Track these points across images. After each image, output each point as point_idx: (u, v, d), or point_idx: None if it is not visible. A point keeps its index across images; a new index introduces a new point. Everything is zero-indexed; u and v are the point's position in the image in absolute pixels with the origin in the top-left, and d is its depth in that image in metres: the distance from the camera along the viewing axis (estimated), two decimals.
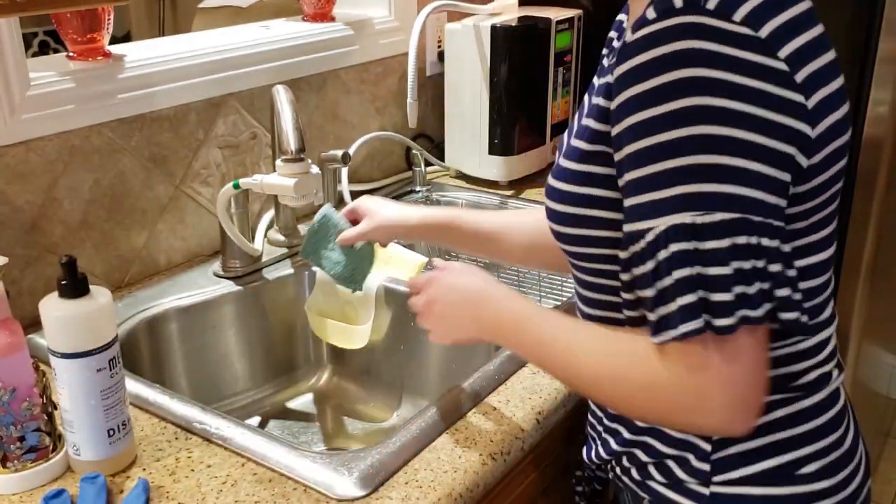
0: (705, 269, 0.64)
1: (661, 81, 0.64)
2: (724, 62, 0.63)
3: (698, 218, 0.64)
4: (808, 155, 0.67)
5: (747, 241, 0.64)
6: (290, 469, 0.87)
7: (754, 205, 0.64)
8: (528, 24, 1.59)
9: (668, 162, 0.65)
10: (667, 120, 0.64)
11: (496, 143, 1.64)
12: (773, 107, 0.64)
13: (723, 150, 0.63)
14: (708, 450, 0.79)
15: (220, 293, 1.28)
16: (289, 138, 1.15)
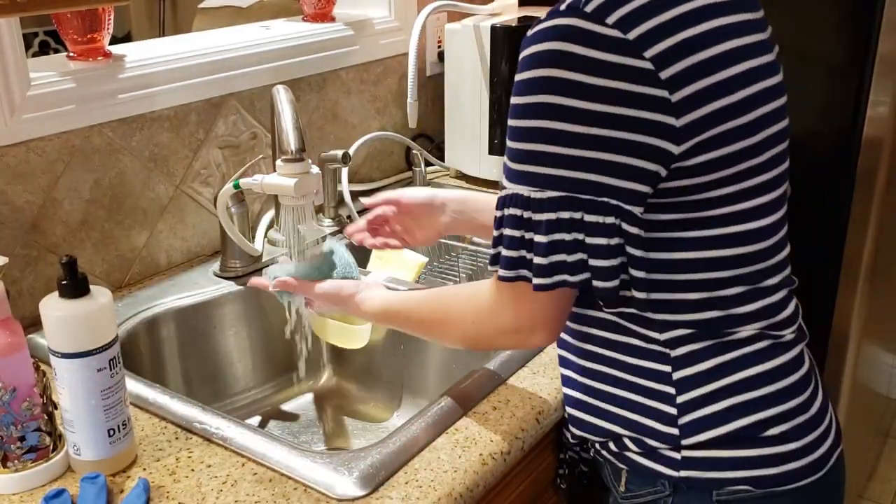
0: (532, 235, 0.77)
1: (527, 76, 0.75)
2: (585, 65, 0.72)
3: (533, 193, 0.76)
4: (676, 141, 0.74)
5: (570, 216, 0.75)
6: (290, 469, 0.87)
7: (583, 185, 0.74)
8: (528, 24, 1.59)
9: (521, 144, 0.76)
10: (524, 110, 0.75)
11: (496, 143, 1.64)
12: (627, 103, 0.72)
13: (563, 142, 0.74)
14: (674, 413, 0.84)
15: (220, 293, 1.28)
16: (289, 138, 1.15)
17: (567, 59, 0.72)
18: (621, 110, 0.72)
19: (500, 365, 1.05)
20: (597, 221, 0.75)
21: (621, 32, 0.72)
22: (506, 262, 0.79)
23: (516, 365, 1.06)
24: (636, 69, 0.72)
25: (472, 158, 1.69)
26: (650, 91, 0.72)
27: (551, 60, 0.73)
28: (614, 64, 0.72)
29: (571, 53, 0.72)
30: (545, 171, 0.75)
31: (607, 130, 0.73)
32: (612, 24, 0.72)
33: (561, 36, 0.73)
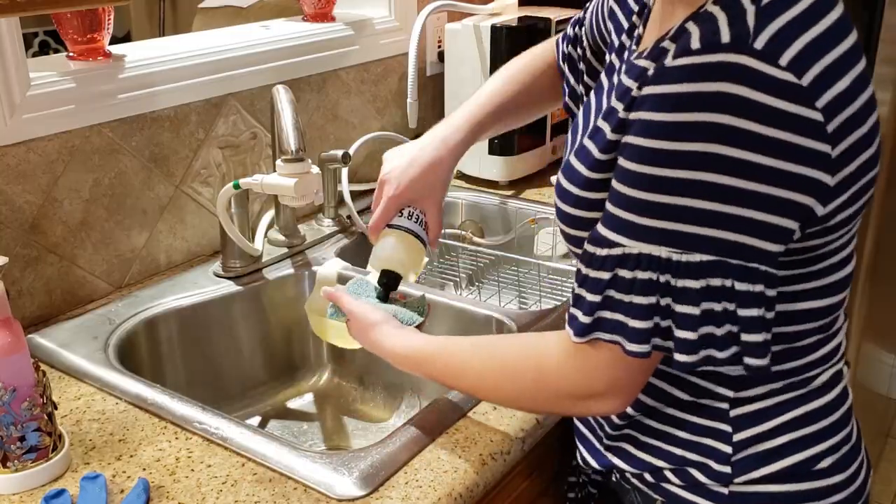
0: (671, 303, 0.67)
1: (686, 119, 0.64)
2: (756, 112, 0.63)
3: (675, 255, 0.66)
4: (825, 202, 0.68)
5: (721, 283, 0.66)
6: (290, 469, 0.87)
7: (736, 249, 0.65)
8: (528, 24, 1.59)
9: (666, 197, 0.65)
10: (678, 158, 0.64)
11: (496, 144, 1.64)
12: (793, 158, 0.64)
13: (722, 199, 0.64)
14: (729, 452, 0.80)
15: (220, 293, 1.28)
16: (289, 138, 1.15)
17: (738, 105, 0.62)
18: (788, 166, 0.64)
19: None
20: (747, 290, 0.66)
21: (796, 77, 0.63)
22: (637, 335, 0.69)
23: None
24: (806, 120, 0.64)
25: (472, 158, 1.69)
26: (816, 146, 0.64)
27: (717, 104, 0.63)
28: (788, 114, 0.63)
29: (744, 98, 0.62)
30: (694, 231, 0.65)
31: (770, 188, 0.64)
32: (786, 66, 0.63)
33: (730, 77, 0.63)
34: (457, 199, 1.67)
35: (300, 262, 1.37)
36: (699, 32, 0.65)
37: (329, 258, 1.36)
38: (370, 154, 1.68)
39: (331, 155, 1.44)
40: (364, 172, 1.67)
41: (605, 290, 0.70)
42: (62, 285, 1.20)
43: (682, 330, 0.67)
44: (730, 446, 0.80)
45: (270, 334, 1.35)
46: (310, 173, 1.18)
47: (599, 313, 0.71)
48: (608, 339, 0.71)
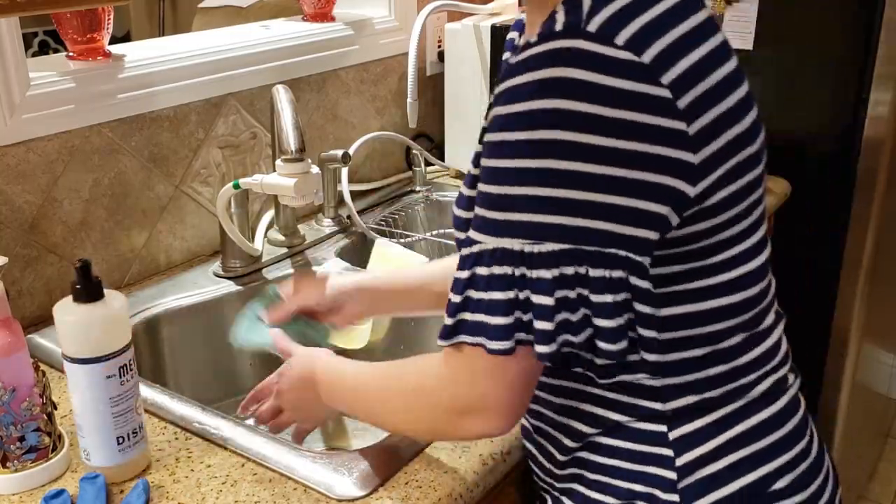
0: (530, 295, 0.65)
1: (527, 108, 0.63)
2: (596, 93, 0.61)
3: (527, 246, 0.65)
4: (693, 181, 0.66)
5: (575, 270, 0.64)
6: (290, 469, 0.87)
7: (590, 235, 0.64)
8: None
9: (511, 188, 0.64)
10: (522, 147, 0.63)
11: None
12: (645, 138, 0.63)
13: (570, 185, 0.63)
14: (674, 478, 0.75)
15: (220, 293, 1.28)
16: (289, 138, 1.15)
17: (575, 88, 0.61)
18: (636, 146, 0.62)
19: None
20: (602, 276, 0.64)
21: (634, 55, 0.62)
22: (497, 332, 0.67)
23: None
24: (652, 98, 0.62)
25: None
26: (667, 123, 0.63)
27: (556, 89, 0.62)
28: (629, 92, 0.62)
29: (580, 80, 0.61)
30: (544, 220, 0.64)
31: (621, 170, 0.62)
32: (623, 46, 0.62)
33: (564, 61, 0.62)
34: None
35: (300, 262, 1.37)
36: (539, 29, 0.66)
37: (329, 258, 1.36)
38: (370, 154, 1.68)
39: (331, 155, 1.44)
40: (364, 172, 1.67)
41: (465, 290, 0.69)
42: (62, 285, 1.20)
43: (540, 321, 0.65)
44: (674, 472, 0.75)
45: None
46: (310, 173, 1.18)
47: (460, 315, 0.69)
48: (471, 341, 0.69)
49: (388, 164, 1.73)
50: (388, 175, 1.73)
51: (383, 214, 1.57)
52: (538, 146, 0.63)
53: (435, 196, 1.68)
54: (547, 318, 0.65)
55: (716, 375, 0.75)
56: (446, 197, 1.68)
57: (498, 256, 0.66)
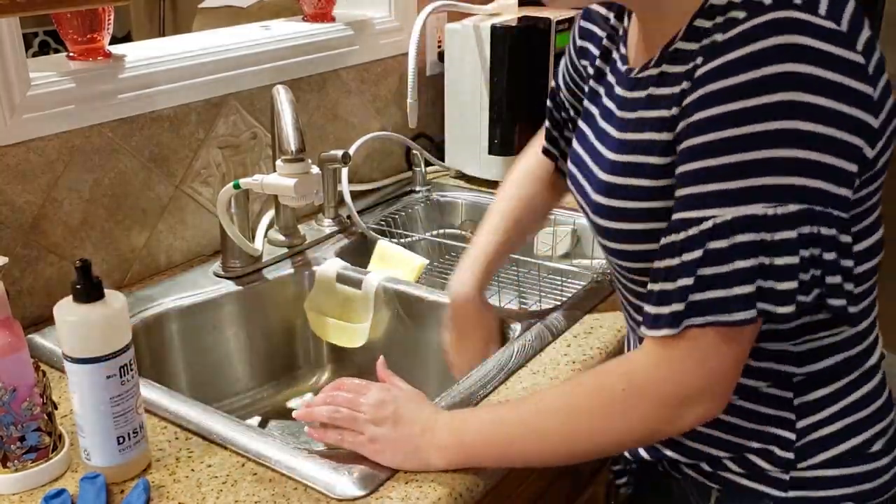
0: (772, 259, 0.67)
1: (754, 76, 0.65)
2: (816, 58, 0.64)
3: (770, 209, 0.66)
4: (872, 144, 0.69)
5: (810, 230, 0.66)
6: (290, 469, 0.87)
7: (819, 195, 0.66)
8: (528, 24, 1.59)
9: (746, 154, 0.66)
10: (754, 113, 0.65)
11: (496, 143, 1.64)
12: (850, 101, 0.66)
13: (801, 145, 0.65)
14: (793, 438, 0.81)
15: (220, 293, 1.28)
16: (289, 138, 1.15)
17: (802, 53, 0.64)
18: (846, 108, 0.66)
19: (501, 364, 1.05)
20: (829, 235, 0.67)
21: (835, 23, 0.66)
22: (739, 303, 0.68)
23: (516, 365, 1.06)
24: (853, 63, 0.66)
25: (472, 158, 1.69)
26: (862, 87, 0.67)
27: (784, 55, 0.64)
28: (839, 57, 0.65)
29: (805, 46, 0.64)
30: (786, 182, 0.66)
31: (835, 131, 0.66)
32: (825, 15, 0.66)
33: (785, 28, 0.65)
34: (457, 199, 1.67)
35: (300, 262, 1.37)
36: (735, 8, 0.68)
37: (329, 258, 1.37)
38: (370, 154, 1.68)
39: (331, 155, 1.44)
40: (364, 172, 1.67)
41: (697, 269, 0.68)
42: (62, 285, 1.20)
43: (784, 282, 0.67)
44: (794, 433, 0.81)
45: (270, 334, 1.35)
46: (310, 173, 1.18)
47: (693, 296, 0.69)
48: (701, 322, 0.69)
49: (388, 164, 1.73)
50: (389, 175, 1.73)
51: (383, 214, 1.57)
52: (774, 108, 0.65)
53: (435, 196, 1.68)
54: (791, 279, 0.67)
55: (835, 343, 0.80)
56: (446, 197, 1.68)
57: (739, 225, 0.67)
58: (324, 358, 1.41)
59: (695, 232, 0.69)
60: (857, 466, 0.82)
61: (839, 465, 0.82)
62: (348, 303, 1.30)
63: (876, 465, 0.83)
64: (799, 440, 0.81)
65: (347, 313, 1.30)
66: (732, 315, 0.68)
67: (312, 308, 1.30)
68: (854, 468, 0.82)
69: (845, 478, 0.82)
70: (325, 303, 1.30)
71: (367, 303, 1.28)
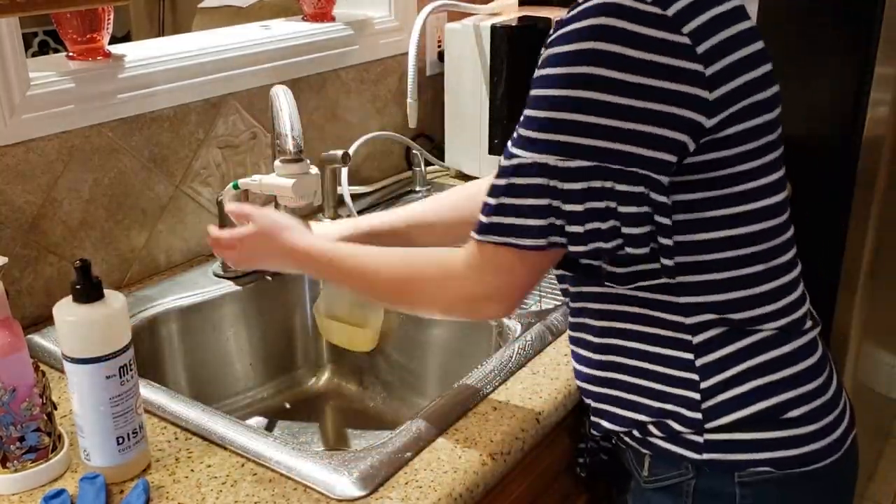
0: (561, 204, 0.77)
1: (568, 49, 0.77)
2: (627, 38, 0.75)
3: (560, 162, 0.77)
4: (708, 114, 0.77)
5: (601, 184, 0.76)
6: (290, 469, 0.87)
7: (613, 155, 0.76)
8: (528, 24, 1.59)
9: (552, 112, 0.77)
10: (561, 79, 0.77)
11: (496, 143, 1.64)
12: (665, 76, 0.75)
13: (598, 112, 0.75)
14: (698, 399, 0.86)
15: (220, 293, 1.28)
16: (287, 139, 1.15)
17: (610, 33, 0.75)
18: (659, 83, 0.75)
19: (501, 365, 1.05)
20: (627, 191, 0.76)
21: (661, 9, 0.75)
22: (533, 232, 0.79)
23: (516, 365, 1.06)
24: (674, 43, 0.75)
25: (472, 158, 1.69)
26: (686, 65, 0.75)
27: (595, 34, 0.75)
28: (654, 38, 0.75)
29: (615, 28, 0.75)
30: (575, 141, 0.76)
31: (644, 102, 0.75)
32: (652, 2, 0.75)
33: (604, 12, 0.75)
34: None
35: None
36: None
37: None
38: (370, 154, 1.68)
39: (331, 155, 1.44)
40: (364, 172, 1.67)
41: (500, 196, 0.80)
42: (62, 285, 1.20)
43: (572, 225, 0.78)
44: (698, 393, 0.86)
45: (270, 334, 1.35)
46: (308, 174, 1.18)
47: (495, 217, 0.80)
48: (500, 240, 0.80)
49: (388, 164, 1.73)
50: (388, 175, 1.73)
51: None
52: (576, 78, 0.76)
53: None
54: (578, 223, 0.78)
55: (735, 300, 0.85)
56: None
57: (535, 169, 0.78)
58: (323, 358, 1.41)
59: (506, 164, 0.80)
60: (771, 431, 0.86)
61: (751, 428, 0.86)
62: (356, 306, 1.28)
63: (794, 432, 0.86)
64: (704, 401, 0.86)
65: (356, 317, 1.29)
66: (523, 240, 0.79)
67: (320, 312, 1.29)
68: (768, 433, 0.86)
69: (759, 442, 0.86)
70: (333, 307, 1.29)
71: (376, 306, 1.27)
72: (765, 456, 0.86)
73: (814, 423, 0.87)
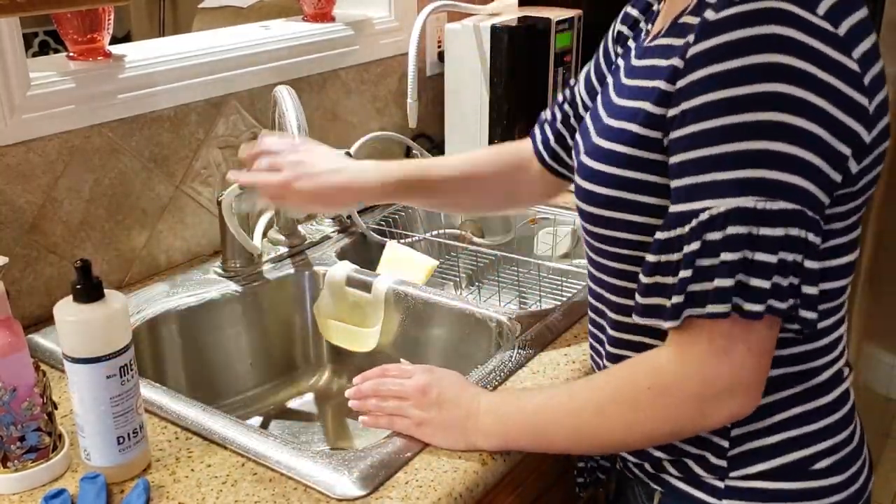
0: (753, 255, 0.65)
1: (744, 63, 0.63)
2: (808, 53, 0.63)
3: (760, 203, 0.64)
4: (859, 159, 0.68)
5: (799, 233, 0.64)
6: (290, 469, 0.87)
7: (811, 199, 0.65)
8: (528, 24, 1.59)
9: (739, 144, 0.64)
10: (744, 102, 0.63)
11: (496, 143, 1.64)
12: (841, 106, 0.64)
13: (794, 140, 0.63)
14: (726, 446, 0.80)
15: (220, 293, 1.28)
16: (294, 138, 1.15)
17: (791, 45, 0.62)
18: (837, 112, 0.64)
19: (500, 365, 1.05)
20: (815, 242, 0.65)
21: (832, 26, 0.64)
22: (716, 296, 0.66)
23: (516, 365, 1.06)
24: (847, 69, 0.64)
25: None
26: (856, 96, 0.65)
27: (773, 45, 0.63)
28: (833, 59, 0.63)
29: (795, 39, 0.62)
30: (777, 177, 0.63)
31: (827, 133, 0.64)
32: (823, 15, 0.64)
33: (776, 20, 0.63)
34: None
35: (300, 262, 1.37)
36: None
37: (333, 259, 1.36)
38: (370, 154, 1.68)
39: None
40: None
41: (695, 261, 0.67)
42: (62, 285, 1.20)
43: (756, 279, 0.65)
44: (727, 440, 0.80)
45: (270, 334, 1.35)
46: None
47: (691, 287, 0.67)
48: (698, 313, 0.67)
49: None
50: None
51: (383, 214, 1.57)
52: (761, 99, 0.63)
53: None
54: (764, 277, 0.65)
55: (791, 354, 0.77)
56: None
57: (733, 217, 0.65)
58: (324, 358, 1.41)
59: (692, 225, 0.67)
60: (797, 482, 0.80)
61: (776, 478, 0.80)
62: (358, 306, 1.29)
63: (820, 484, 0.81)
64: (732, 448, 0.80)
65: (357, 317, 1.29)
66: (706, 307, 0.67)
67: (321, 312, 1.29)
68: (794, 483, 0.80)
69: (783, 493, 0.80)
70: (334, 307, 1.29)
71: (377, 306, 1.27)
72: None
73: (840, 475, 0.82)
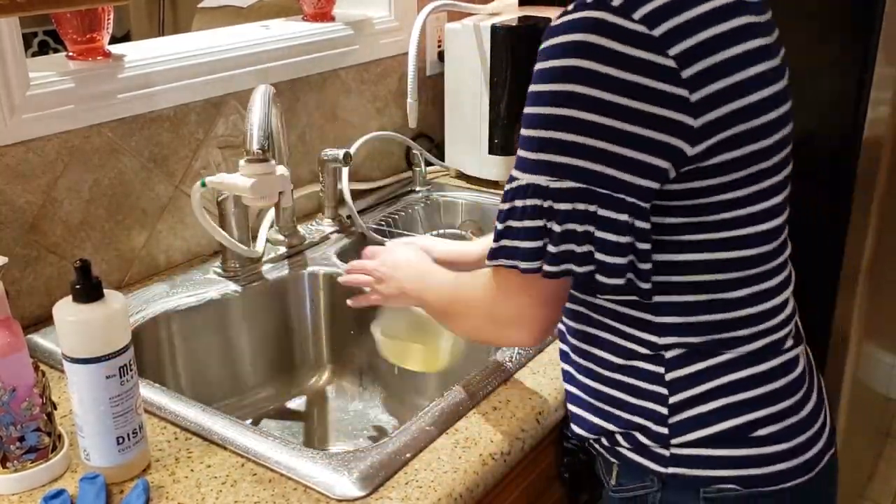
0: (551, 224, 0.76)
1: (554, 65, 0.75)
2: (611, 57, 0.72)
3: (552, 182, 0.75)
4: (692, 142, 0.74)
5: (585, 207, 0.75)
6: (289, 469, 0.87)
7: (602, 179, 0.74)
8: (528, 24, 1.59)
9: (541, 131, 0.76)
10: (548, 97, 0.75)
11: (496, 143, 1.64)
12: (650, 100, 0.73)
13: (585, 132, 0.73)
14: (665, 413, 0.85)
15: (220, 293, 1.28)
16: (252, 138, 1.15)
17: (594, 51, 0.72)
18: (642, 106, 0.73)
19: (500, 365, 1.05)
20: (609, 217, 0.75)
21: (647, 28, 0.72)
22: (528, 255, 0.78)
23: (516, 365, 1.06)
24: (659, 66, 0.72)
25: (472, 158, 1.69)
26: (671, 89, 0.73)
27: (578, 51, 0.73)
28: (639, 59, 0.72)
29: (598, 45, 0.72)
30: (565, 161, 0.75)
31: (628, 125, 0.73)
32: (639, 20, 0.72)
33: (588, 28, 0.73)
34: (457, 199, 1.67)
35: (300, 262, 1.37)
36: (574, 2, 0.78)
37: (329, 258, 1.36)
38: (370, 154, 1.68)
39: (332, 155, 1.44)
40: (364, 172, 1.67)
41: (506, 219, 0.79)
42: (62, 285, 1.20)
43: (550, 245, 0.77)
44: (666, 408, 0.85)
45: (270, 334, 1.35)
46: (273, 174, 1.17)
47: (501, 241, 0.80)
48: (507, 263, 0.80)
49: (388, 164, 1.73)
50: (389, 175, 1.73)
51: (383, 214, 1.57)
52: (560, 96, 0.74)
53: (435, 196, 1.68)
54: (554, 244, 0.76)
55: (712, 322, 0.83)
56: (446, 197, 1.68)
57: (530, 190, 0.77)
58: (324, 358, 1.41)
59: (508, 187, 0.79)
60: (739, 449, 0.84)
61: (718, 444, 0.84)
62: (420, 323, 1.17)
63: (763, 451, 0.84)
64: (672, 416, 0.85)
65: (420, 335, 1.22)
66: (524, 263, 0.78)
67: (385, 333, 1.21)
68: (736, 450, 0.84)
69: (726, 459, 0.84)
70: (395, 325, 1.21)
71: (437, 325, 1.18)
72: (731, 473, 0.84)
73: (784, 443, 0.85)
